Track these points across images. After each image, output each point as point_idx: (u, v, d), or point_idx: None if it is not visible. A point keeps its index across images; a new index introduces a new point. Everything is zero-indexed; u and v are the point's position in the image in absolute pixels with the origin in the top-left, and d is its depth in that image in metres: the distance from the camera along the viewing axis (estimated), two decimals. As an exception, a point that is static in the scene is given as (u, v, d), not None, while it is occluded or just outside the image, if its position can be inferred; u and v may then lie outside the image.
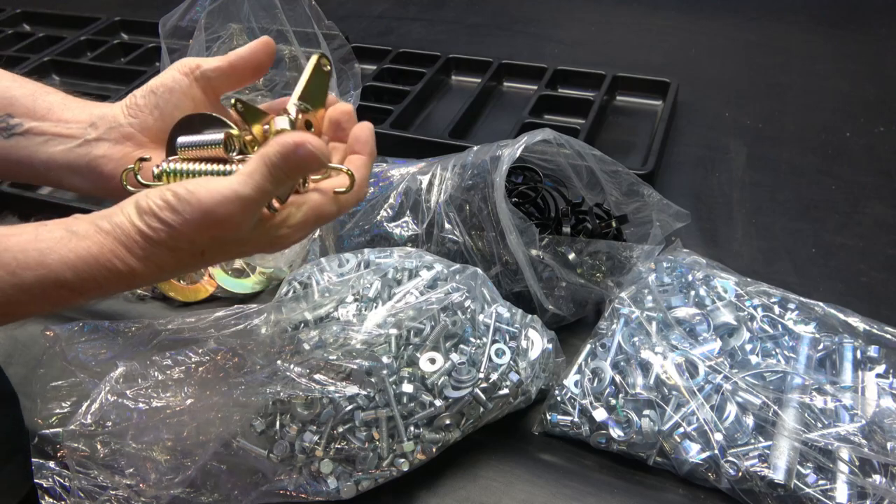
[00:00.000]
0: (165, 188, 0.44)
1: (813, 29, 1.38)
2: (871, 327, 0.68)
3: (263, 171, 0.45)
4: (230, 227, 0.45)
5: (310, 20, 0.74)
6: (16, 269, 0.42)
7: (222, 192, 0.43)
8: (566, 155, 0.78)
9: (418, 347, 0.64)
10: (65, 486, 0.58)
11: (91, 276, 0.43)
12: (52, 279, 0.43)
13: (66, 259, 0.43)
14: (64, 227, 0.44)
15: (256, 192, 0.44)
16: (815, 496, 0.58)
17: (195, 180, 0.45)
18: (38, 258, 0.42)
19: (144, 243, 0.44)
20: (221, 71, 0.54)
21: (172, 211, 0.43)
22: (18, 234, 0.43)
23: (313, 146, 0.45)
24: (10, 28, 1.48)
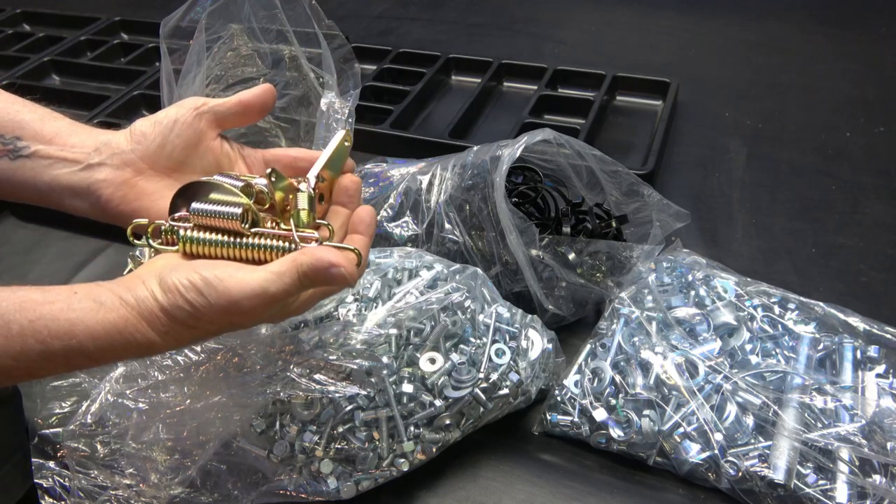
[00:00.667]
0: (192, 270, 0.46)
1: (813, 29, 1.38)
2: (871, 327, 0.68)
3: (294, 275, 0.47)
4: (251, 317, 0.47)
5: (310, 20, 0.74)
6: (46, 337, 0.43)
7: (252, 286, 0.45)
8: (566, 155, 0.78)
9: (418, 347, 0.64)
10: (65, 486, 0.58)
11: (112, 347, 0.45)
12: (77, 349, 0.44)
13: (93, 331, 0.44)
14: (92, 298, 0.45)
15: (283, 293, 0.47)
16: (815, 496, 0.58)
17: (224, 268, 0.46)
18: (67, 328, 0.43)
19: (166, 320, 0.46)
20: (230, 107, 0.57)
21: (198, 293, 0.45)
22: (52, 302, 0.44)
23: (346, 270, 0.48)
24: (10, 28, 1.48)
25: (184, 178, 0.56)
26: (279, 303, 0.47)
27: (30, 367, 0.44)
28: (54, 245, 0.95)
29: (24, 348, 0.43)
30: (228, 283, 0.45)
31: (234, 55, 0.83)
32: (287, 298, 0.48)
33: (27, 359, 0.43)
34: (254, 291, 0.45)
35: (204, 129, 0.57)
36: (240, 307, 0.45)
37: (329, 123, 0.72)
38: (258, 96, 0.58)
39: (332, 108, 0.72)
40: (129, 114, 1.18)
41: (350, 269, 0.48)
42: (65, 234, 0.96)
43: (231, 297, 0.45)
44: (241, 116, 0.58)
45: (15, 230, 0.98)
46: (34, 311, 0.43)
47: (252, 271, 0.46)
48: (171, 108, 0.57)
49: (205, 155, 0.57)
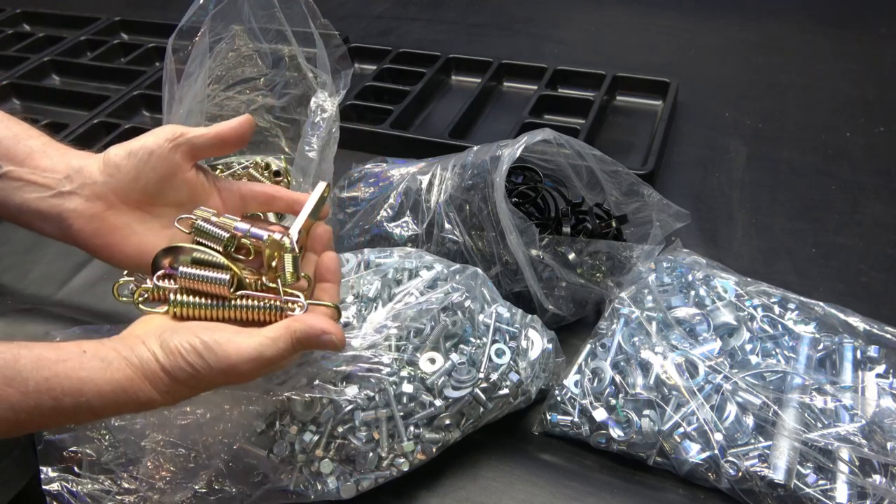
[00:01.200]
0: (192, 334, 0.49)
1: (813, 29, 1.38)
2: (871, 327, 0.68)
3: (288, 341, 0.50)
4: (247, 378, 0.51)
5: (306, 18, 0.74)
6: (59, 395, 0.45)
7: (249, 352, 0.49)
8: (566, 155, 0.78)
9: (418, 347, 0.64)
10: (72, 491, 0.58)
11: (115, 403, 0.47)
12: (85, 406, 0.46)
13: (101, 389, 0.46)
14: (99, 357, 0.47)
15: (278, 357, 0.50)
16: (815, 496, 0.58)
17: (221, 332, 0.50)
18: (78, 387, 0.46)
19: (168, 380, 0.48)
20: (208, 140, 0.57)
21: (199, 357, 0.48)
22: (64, 361, 0.46)
23: (336, 337, 0.52)
24: (10, 28, 1.48)
25: (156, 210, 0.57)
26: (272, 367, 0.51)
27: (42, 421, 0.46)
28: (54, 245, 0.94)
29: (38, 404, 0.45)
30: (227, 347, 0.48)
31: (235, 55, 0.84)
32: (281, 362, 0.52)
33: (40, 413, 0.45)
34: (250, 356, 0.49)
35: (179, 161, 0.56)
36: (237, 370, 0.49)
37: (315, 121, 0.72)
38: (236, 129, 0.58)
39: (320, 108, 0.72)
40: (129, 114, 1.18)
41: (339, 336, 0.52)
42: (65, 235, 0.96)
43: (230, 362, 0.48)
44: (218, 148, 0.58)
45: (15, 230, 0.97)
46: (49, 369, 0.45)
47: (248, 336, 0.50)
48: (146, 136, 0.56)
49: (180, 187, 0.57)
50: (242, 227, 0.57)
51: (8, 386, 0.44)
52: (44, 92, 1.26)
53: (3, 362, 0.45)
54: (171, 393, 0.49)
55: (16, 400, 0.44)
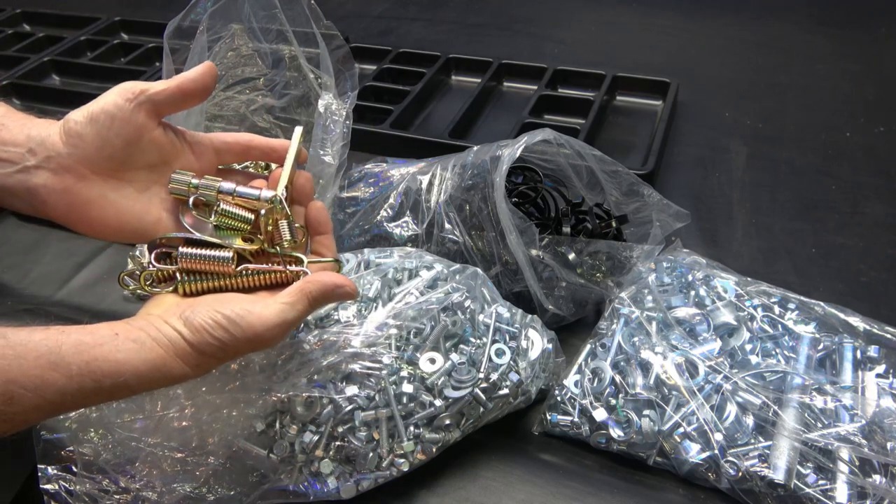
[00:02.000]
0: (213, 309, 0.50)
1: (813, 29, 1.38)
2: (871, 327, 0.68)
3: (305, 302, 0.53)
4: (271, 344, 0.52)
5: (308, 20, 0.74)
6: (99, 377, 0.47)
7: (272, 319, 0.51)
8: (566, 155, 0.78)
9: (418, 347, 0.64)
10: (70, 490, 0.58)
11: (150, 381, 0.49)
12: (123, 385, 0.48)
13: (137, 369, 0.48)
14: (132, 339, 0.49)
15: (298, 319, 0.52)
16: (815, 496, 0.58)
17: (240, 303, 0.51)
18: (116, 368, 0.47)
19: (196, 355, 0.50)
20: (169, 94, 0.54)
21: (225, 331, 0.50)
22: (101, 345, 0.48)
23: (350, 288, 0.54)
24: (10, 28, 1.48)
25: (127, 175, 0.56)
26: (293, 328, 0.53)
27: (84, 401, 0.49)
28: (54, 245, 0.95)
29: (81, 387, 0.47)
30: (250, 318, 0.50)
31: (235, 55, 0.84)
32: (301, 322, 0.54)
33: (83, 395, 0.47)
34: (274, 323, 0.51)
35: (143, 121, 0.54)
36: (263, 338, 0.51)
37: (327, 125, 0.72)
38: (197, 79, 0.55)
39: (330, 110, 0.72)
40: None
41: (352, 286, 0.54)
42: (65, 234, 0.96)
43: (255, 332, 0.50)
44: (182, 102, 0.56)
45: (15, 230, 0.98)
46: (89, 353, 0.47)
47: (266, 304, 0.52)
48: (104, 97, 0.53)
49: (147, 149, 0.55)
50: (227, 186, 0.56)
51: (54, 371, 0.46)
52: (44, 92, 1.26)
53: (48, 349, 0.46)
54: (201, 366, 0.51)
55: (62, 384, 0.46)
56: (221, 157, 0.60)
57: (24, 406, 0.45)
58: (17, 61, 1.32)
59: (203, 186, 0.56)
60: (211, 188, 0.56)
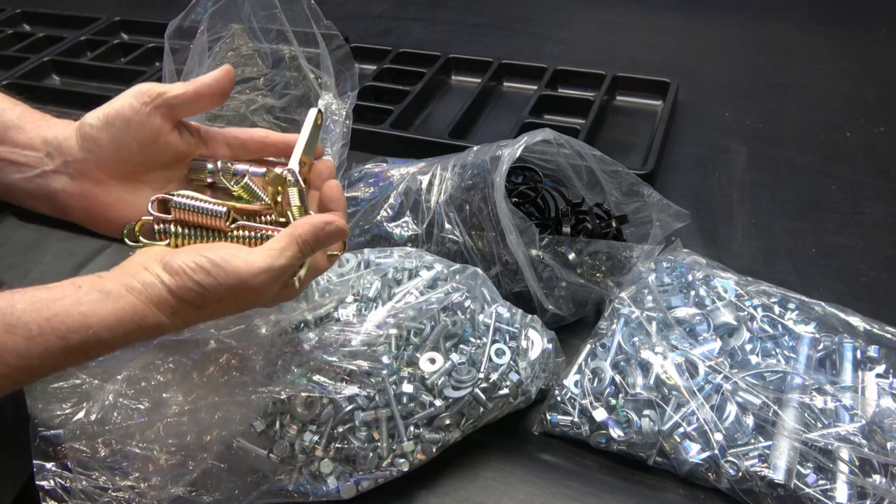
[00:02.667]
0: (197, 253, 0.47)
1: (813, 29, 1.38)
2: (871, 327, 0.68)
3: (295, 247, 0.49)
4: (258, 294, 0.49)
5: (308, 20, 0.74)
6: (65, 333, 0.44)
7: (259, 264, 0.48)
8: (566, 155, 0.78)
9: (418, 347, 0.64)
10: (66, 487, 0.58)
11: (125, 333, 0.46)
12: (94, 340, 0.45)
13: (106, 320, 0.45)
14: (97, 289, 0.46)
15: (288, 265, 0.49)
16: (815, 496, 0.58)
17: (227, 248, 0.49)
18: (82, 321, 0.44)
19: (175, 302, 0.47)
20: (186, 98, 0.53)
21: (206, 274, 0.47)
22: (61, 299, 0.45)
23: (339, 222, 0.51)
24: (10, 28, 1.48)
25: (144, 176, 0.55)
26: (284, 277, 0.49)
27: (55, 363, 0.45)
28: (54, 245, 0.95)
29: (47, 347, 0.44)
30: (235, 262, 0.47)
31: (235, 55, 0.84)
32: (291, 271, 0.50)
33: (51, 356, 0.44)
34: (260, 269, 0.47)
35: (159, 124, 0.53)
36: (248, 285, 0.47)
37: (327, 125, 0.72)
38: (214, 84, 0.54)
39: (330, 110, 0.72)
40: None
41: (341, 221, 0.51)
42: (65, 234, 0.96)
43: (240, 276, 0.47)
44: (198, 106, 0.55)
45: (15, 230, 0.98)
46: (48, 308, 0.44)
47: (254, 251, 0.49)
48: (121, 99, 0.52)
49: (163, 150, 0.55)
50: (241, 167, 0.56)
51: (11, 334, 0.43)
52: (44, 92, 1.26)
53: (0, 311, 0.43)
54: (179, 314, 0.48)
55: (23, 347, 0.43)
56: (235, 153, 0.59)
57: None
58: (17, 61, 1.32)
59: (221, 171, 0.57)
60: (227, 171, 0.57)
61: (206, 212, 0.53)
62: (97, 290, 0.46)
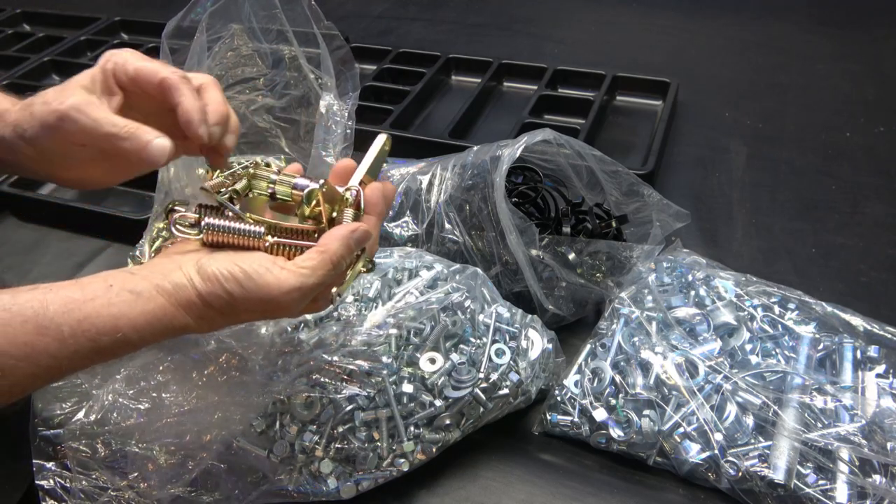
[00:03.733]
0: (232, 262, 0.48)
1: (813, 29, 1.38)
2: (871, 327, 0.68)
3: (327, 265, 0.49)
4: (285, 310, 0.50)
5: (308, 20, 0.74)
6: (95, 335, 0.45)
7: (290, 282, 0.48)
8: (566, 155, 0.78)
9: (418, 347, 0.64)
10: (66, 486, 0.58)
11: (152, 334, 0.47)
12: (122, 341, 0.46)
13: (135, 323, 0.46)
14: (129, 290, 0.46)
15: (319, 284, 0.49)
16: (815, 496, 0.58)
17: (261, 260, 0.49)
18: (112, 323, 0.45)
19: (202, 306, 0.48)
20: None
21: (238, 285, 0.47)
22: (92, 299, 0.45)
23: (364, 228, 0.51)
24: (10, 28, 1.48)
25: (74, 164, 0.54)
26: (313, 293, 0.49)
27: (83, 363, 0.46)
28: (54, 245, 0.95)
29: (77, 348, 0.45)
30: (268, 278, 0.47)
31: (235, 55, 0.84)
32: (321, 289, 0.50)
33: (80, 357, 0.45)
34: (292, 286, 0.48)
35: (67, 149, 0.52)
36: (277, 302, 0.48)
37: (328, 125, 0.72)
38: None
39: (331, 111, 0.72)
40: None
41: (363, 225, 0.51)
42: (65, 234, 0.96)
43: (270, 293, 0.47)
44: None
45: (15, 230, 0.98)
46: (80, 310, 0.45)
47: (287, 267, 0.48)
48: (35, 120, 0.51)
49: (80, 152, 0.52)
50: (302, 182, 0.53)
51: (43, 335, 0.44)
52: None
53: (33, 312, 0.44)
54: (206, 319, 0.48)
55: (55, 349, 0.44)
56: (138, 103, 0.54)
57: (17, 377, 0.43)
58: (17, 61, 1.32)
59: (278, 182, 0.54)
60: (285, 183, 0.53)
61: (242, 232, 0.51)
62: (128, 291, 0.46)
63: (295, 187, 0.53)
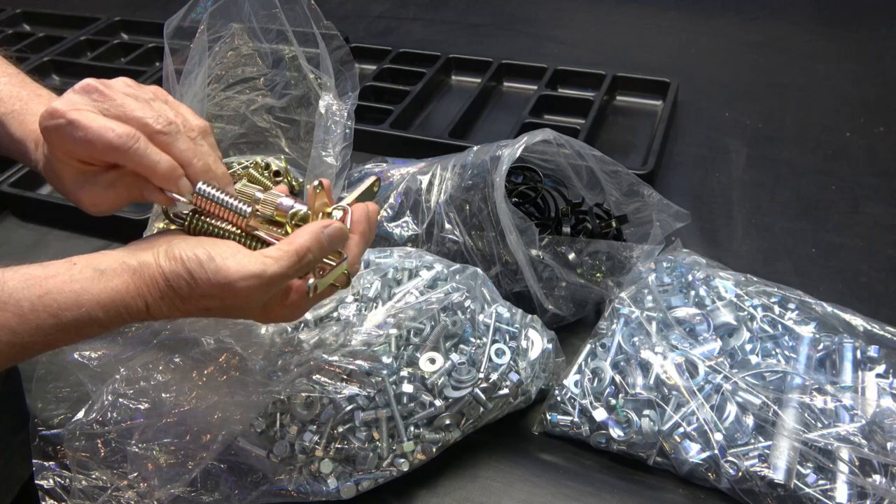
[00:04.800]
0: (199, 245, 0.48)
1: (813, 29, 1.38)
2: (871, 327, 0.68)
3: (292, 257, 0.48)
4: (242, 300, 0.48)
5: (308, 20, 0.74)
6: (57, 310, 0.45)
7: (249, 268, 0.47)
8: (566, 155, 0.78)
9: (418, 347, 0.64)
10: (65, 486, 0.58)
11: (117, 312, 0.47)
12: (87, 318, 0.46)
13: (98, 298, 0.46)
14: (92, 267, 0.46)
15: (282, 275, 0.48)
16: (815, 496, 0.58)
17: (226, 247, 0.48)
18: (74, 299, 0.45)
19: (164, 285, 0.47)
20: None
21: (198, 264, 0.47)
22: (54, 276, 0.45)
23: (337, 225, 0.50)
24: (10, 28, 1.48)
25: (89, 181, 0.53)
26: (274, 286, 0.48)
27: (47, 341, 0.46)
28: (54, 245, 0.95)
29: (39, 323, 0.45)
30: (228, 262, 0.47)
31: (235, 55, 0.84)
32: (281, 282, 0.49)
33: (43, 333, 0.45)
34: (251, 273, 0.47)
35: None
36: (234, 288, 0.47)
37: (328, 125, 0.72)
38: None
39: (331, 111, 0.72)
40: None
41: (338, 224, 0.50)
42: (65, 234, 0.96)
43: (228, 276, 0.47)
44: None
45: (15, 230, 0.98)
46: (40, 286, 0.45)
47: (251, 255, 0.48)
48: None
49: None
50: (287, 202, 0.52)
51: (2, 311, 0.43)
52: (44, 92, 1.26)
53: None
54: (167, 300, 0.48)
55: (15, 323, 0.44)
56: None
57: None
58: (18, 61, 1.32)
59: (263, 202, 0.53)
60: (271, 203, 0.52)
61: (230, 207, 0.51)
62: (92, 268, 0.46)
63: (279, 207, 0.52)
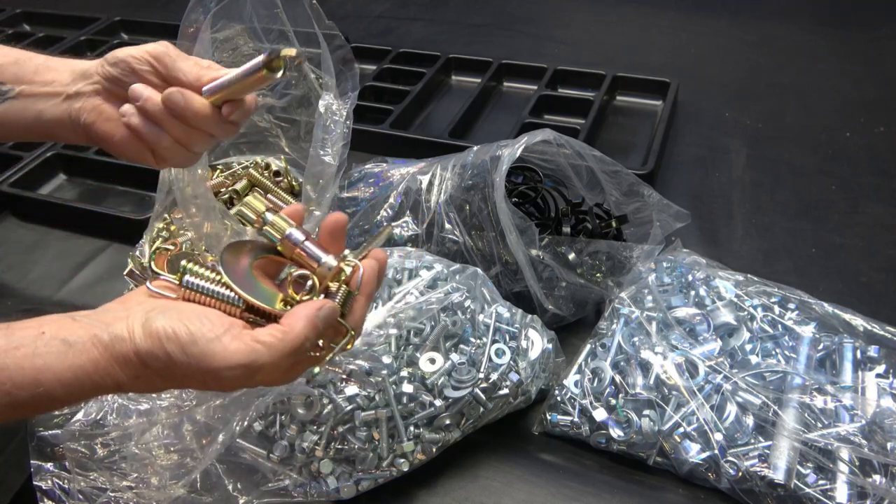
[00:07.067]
0: (180, 320, 0.43)
1: (813, 29, 1.38)
2: (871, 327, 0.68)
3: (286, 349, 0.43)
4: (229, 387, 0.45)
5: (310, 20, 0.74)
6: (10, 389, 0.41)
7: (237, 358, 0.42)
8: (566, 155, 0.78)
9: (418, 347, 0.64)
10: (64, 487, 0.58)
11: (81, 389, 0.43)
12: (44, 396, 0.42)
13: (61, 377, 0.42)
14: (61, 338, 0.42)
15: (270, 365, 0.43)
16: (815, 496, 0.58)
17: (213, 326, 0.43)
18: (34, 377, 0.41)
19: (139, 365, 0.43)
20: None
21: (179, 347, 0.42)
22: (16, 348, 0.42)
23: (331, 305, 0.46)
24: (10, 28, 1.48)
25: None
26: (260, 375, 0.44)
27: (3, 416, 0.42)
28: (54, 245, 0.95)
29: None
30: (214, 346, 0.42)
31: (236, 55, 0.84)
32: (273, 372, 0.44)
33: None
34: (238, 363, 0.42)
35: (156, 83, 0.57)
36: (219, 376, 0.42)
37: (327, 125, 0.72)
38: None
39: (330, 110, 0.72)
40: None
41: (331, 303, 0.46)
42: (65, 234, 0.96)
43: (212, 364, 0.42)
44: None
45: (15, 230, 0.98)
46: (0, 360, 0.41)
47: (240, 337, 0.43)
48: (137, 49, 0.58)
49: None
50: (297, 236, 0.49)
51: None
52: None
53: None
54: (142, 379, 0.43)
55: None
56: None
57: None
58: (17, 61, 1.32)
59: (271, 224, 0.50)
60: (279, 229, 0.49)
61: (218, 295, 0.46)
62: (60, 340, 0.42)
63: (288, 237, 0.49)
